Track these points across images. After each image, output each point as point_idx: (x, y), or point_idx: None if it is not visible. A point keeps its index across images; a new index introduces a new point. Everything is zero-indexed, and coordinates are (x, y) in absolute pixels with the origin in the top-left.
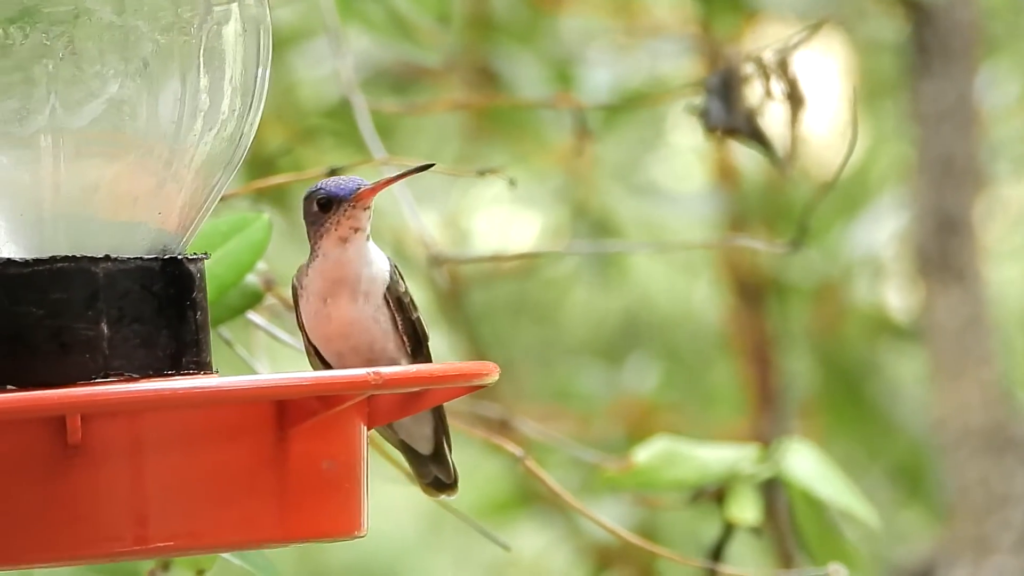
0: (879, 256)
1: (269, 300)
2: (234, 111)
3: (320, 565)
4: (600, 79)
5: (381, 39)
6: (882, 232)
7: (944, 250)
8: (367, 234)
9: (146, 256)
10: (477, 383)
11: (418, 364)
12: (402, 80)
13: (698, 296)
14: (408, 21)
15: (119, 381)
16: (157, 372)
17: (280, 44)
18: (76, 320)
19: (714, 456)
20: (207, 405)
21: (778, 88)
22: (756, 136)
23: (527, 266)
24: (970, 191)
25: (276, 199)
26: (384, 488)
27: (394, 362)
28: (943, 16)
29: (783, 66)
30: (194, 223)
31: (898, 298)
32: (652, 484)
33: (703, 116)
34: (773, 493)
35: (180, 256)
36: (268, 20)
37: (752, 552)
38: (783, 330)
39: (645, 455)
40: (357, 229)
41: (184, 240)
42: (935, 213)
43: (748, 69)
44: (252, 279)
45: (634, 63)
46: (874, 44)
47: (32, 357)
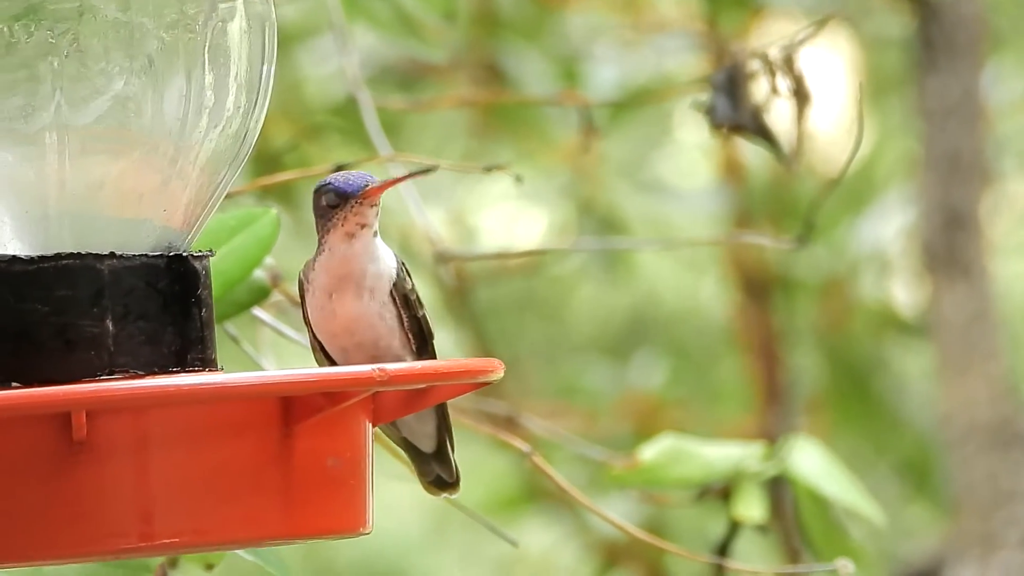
0: (885, 252)
1: (275, 297)
2: (239, 108)
3: (327, 562)
4: (606, 76)
5: (387, 36)
6: (888, 228)
7: (950, 246)
8: (374, 231)
9: (151, 253)
10: (482, 380)
11: (423, 361)
12: (408, 77)
13: (704, 292)
14: (414, 18)
15: (124, 378)
16: (162, 369)
17: (286, 41)
18: (81, 317)
19: (720, 454)
20: (212, 401)
21: (784, 84)
22: (762, 133)
23: (533, 263)
24: (976, 187)
25: (282, 196)
26: (391, 485)
27: (399, 359)
28: (949, 12)
29: (789, 62)
30: (199, 220)
31: (904, 294)
32: (658, 482)
33: (709, 113)
34: (779, 490)
35: (185, 253)
36: (273, 17)
37: (758, 549)
38: (790, 326)
39: (651, 453)
40: (364, 225)
41: (189, 237)
42: (941, 209)
43: (754, 66)
44: (259, 274)
45: (640, 60)
46: (880, 40)
47: (37, 354)
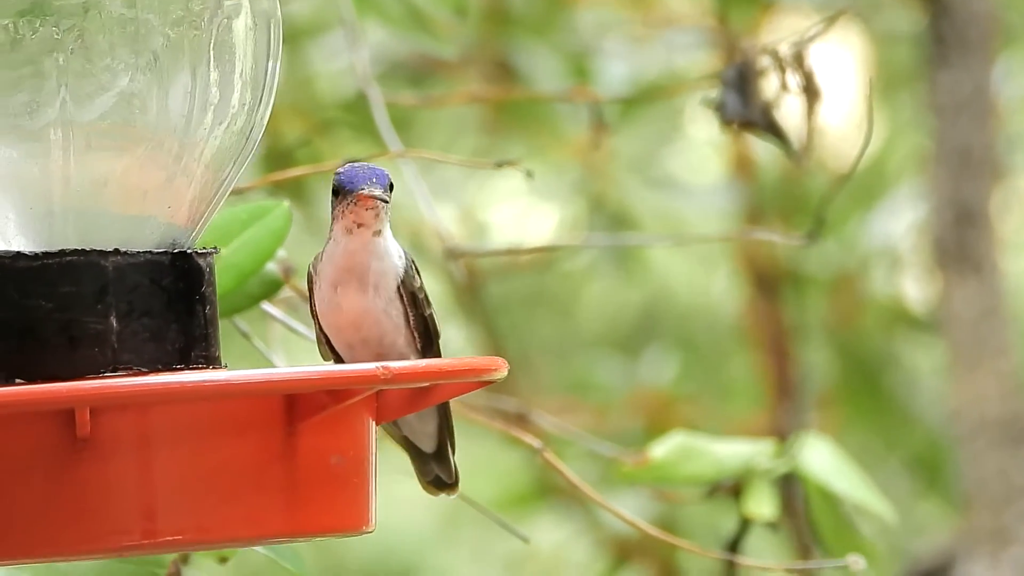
0: (896, 248)
1: (286, 292)
2: (244, 105)
3: (337, 559)
4: (617, 72)
5: (397, 32)
6: (899, 224)
7: (961, 241)
8: (376, 230)
9: (155, 250)
10: (486, 378)
11: (427, 359)
12: (419, 73)
13: (715, 288)
14: (424, 14)
15: (128, 375)
16: (166, 366)
17: (297, 37)
18: (85, 314)
19: (730, 451)
20: (216, 399)
21: (794, 80)
22: (772, 129)
23: (544, 259)
24: (987, 183)
25: (293, 192)
26: (402, 481)
27: (403, 357)
28: (960, 7)
29: (799, 58)
30: (204, 217)
31: (915, 289)
32: (669, 479)
33: (719, 109)
34: (790, 487)
35: (189, 250)
36: (278, 14)
37: (769, 545)
38: (800, 322)
39: (662, 450)
40: (360, 224)
41: (193, 234)
42: (952, 204)
43: (764, 62)
44: (271, 267)
45: (650, 56)
46: (891, 35)
47: (41, 350)
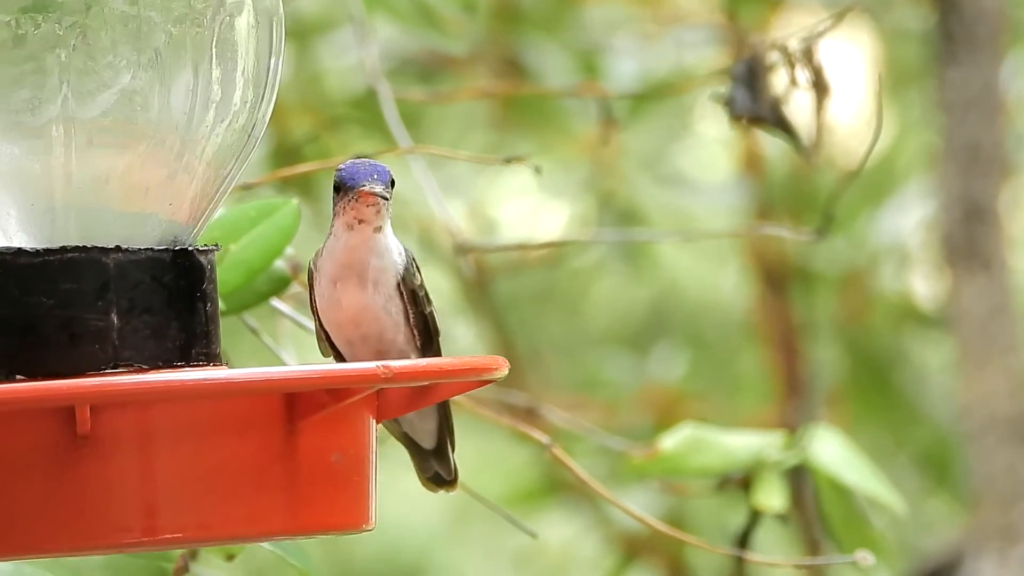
0: (905, 244)
1: (295, 288)
2: (246, 103)
3: (346, 555)
4: (626, 68)
5: (406, 28)
6: (908, 220)
7: (970, 238)
8: (376, 226)
9: (157, 247)
10: (486, 378)
11: (427, 358)
12: (428, 69)
13: (724, 285)
14: (433, 10)
15: (129, 372)
16: (167, 363)
17: (306, 33)
18: (86, 311)
19: (740, 443)
20: (217, 397)
21: (803, 76)
22: (781, 125)
23: (553, 255)
24: (996, 179)
25: (302, 188)
26: (410, 477)
27: (403, 355)
28: (969, 4)
29: (808, 54)
30: (205, 214)
31: (924, 286)
32: (678, 471)
33: (728, 105)
34: (800, 480)
35: (191, 248)
36: (280, 12)
37: (779, 539)
38: (809, 318)
39: (671, 442)
40: (361, 221)
41: (195, 231)
42: (961, 201)
43: (773, 57)
44: (280, 264)
45: (660, 52)
46: (900, 32)
47: (42, 347)
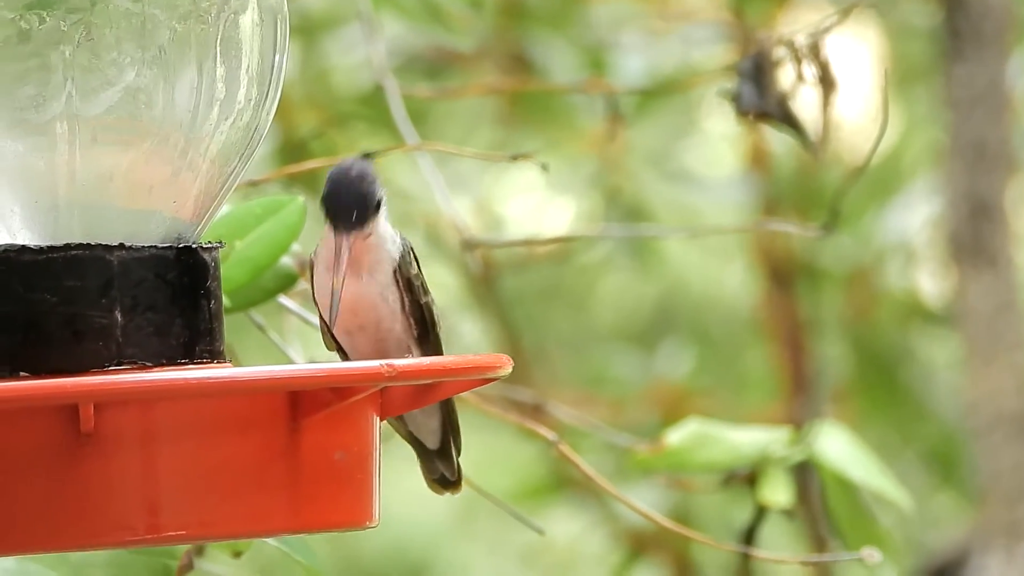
0: (911, 241)
1: (301, 285)
2: (250, 100)
3: (353, 551)
4: (633, 65)
5: (413, 24)
6: (914, 217)
7: (976, 235)
8: (365, 235)
9: (160, 244)
10: (491, 376)
11: (431, 356)
12: (435, 65)
13: (731, 281)
14: (440, 6)
15: (132, 369)
16: (170, 361)
17: (313, 30)
18: (90, 308)
19: (746, 438)
20: (220, 395)
21: (810, 72)
22: (788, 120)
23: (560, 252)
24: (1002, 176)
25: (309, 184)
26: (417, 474)
27: (401, 344)
28: (975, 1)
29: (815, 50)
30: (209, 212)
31: (930, 283)
32: (683, 466)
33: (735, 100)
34: (806, 477)
35: (195, 245)
36: (285, 10)
37: (785, 536)
38: (816, 315)
39: (676, 438)
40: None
41: (199, 229)
42: (967, 198)
43: (780, 53)
44: (286, 261)
45: (667, 48)
46: (906, 28)
47: (45, 344)
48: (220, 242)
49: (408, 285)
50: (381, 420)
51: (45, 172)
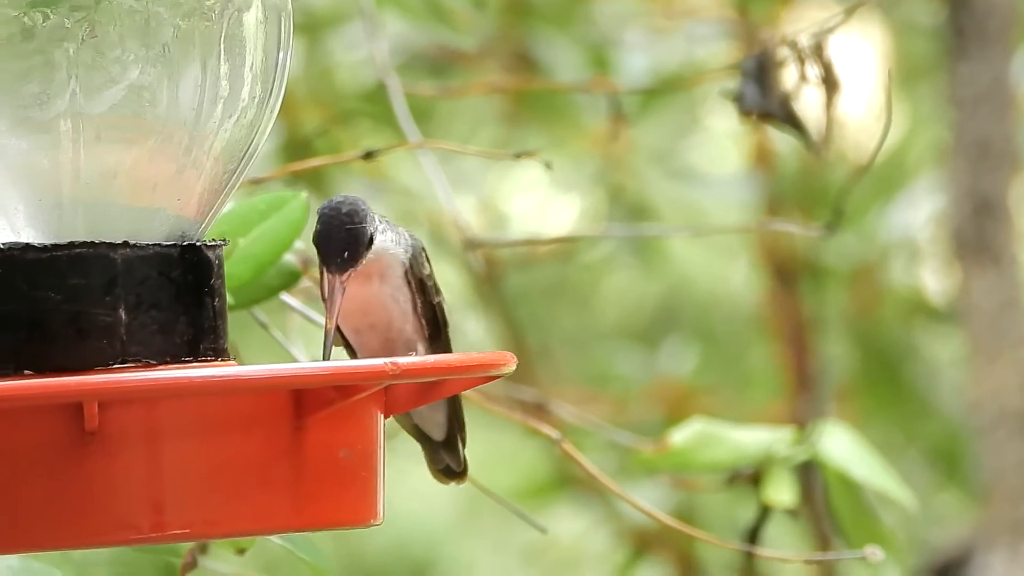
0: (915, 239)
1: (304, 283)
2: (254, 98)
3: (356, 548)
4: (636, 63)
5: (416, 23)
6: (918, 215)
7: (980, 233)
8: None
9: (165, 242)
10: (495, 374)
11: (435, 354)
12: (438, 64)
13: (734, 279)
14: (443, 5)
15: (136, 367)
16: (175, 359)
17: (317, 27)
18: (94, 306)
19: (749, 438)
20: (225, 394)
21: (813, 72)
22: (791, 120)
23: (564, 250)
24: (1006, 174)
25: (312, 181)
26: (421, 472)
27: (410, 344)
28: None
29: (818, 49)
30: (213, 210)
31: (934, 281)
32: (687, 466)
33: (738, 100)
34: (809, 475)
35: (199, 243)
36: (289, 7)
37: (789, 535)
38: (820, 313)
39: (680, 437)
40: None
41: (203, 227)
42: (971, 196)
43: (783, 53)
44: (289, 258)
45: (670, 47)
46: (910, 26)
47: (50, 342)
48: (224, 240)
49: (420, 286)
50: (385, 418)
51: (49, 170)
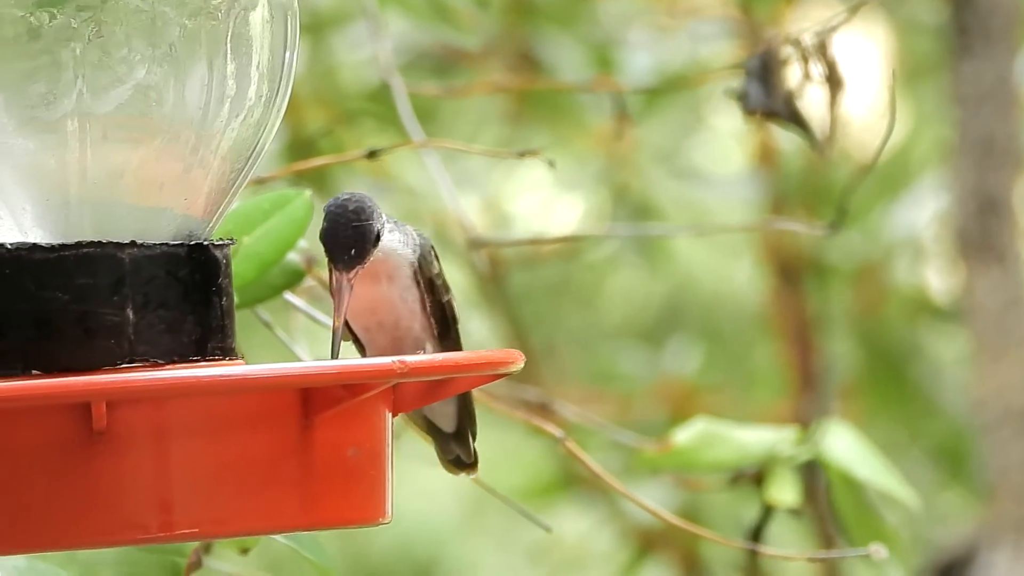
0: (919, 237)
1: (308, 282)
2: (261, 97)
3: (362, 547)
4: (640, 62)
5: (420, 22)
6: (922, 213)
7: (984, 231)
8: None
9: (172, 242)
10: (503, 371)
11: (443, 352)
12: (442, 63)
13: (739, 278)
14: (446, 4)
15: (144, 367)
16: (182, 358)
17: (320, 27)
18: (102, 305)
19: (753, 437)
20: (233, 393)
21: (817, 71)
22: (795, 119)
23: (568, 249)
24: (1010, 172)
25: (316, 181)
26: (425, 471)
27: (419, 342)
28: None
29: (822, 48)
30: (220, 209)
31: (938, 279)
32: (691, 465)
33: (742, 99)
34: (813, 474)
35: (206, 242)
36: (295, 6)
37: (792, 533)
38: (824, 312)
39: (684, 436)
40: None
41: (210, 226)
42: (975, 194)
43: (787, 51)
44: (293, 257)
45: (675, 46)
46: (914, 25)
47: (57, 342)
48: (231, 239)
49: (429, 285)
50: (394, 416)
51: (56, 170)
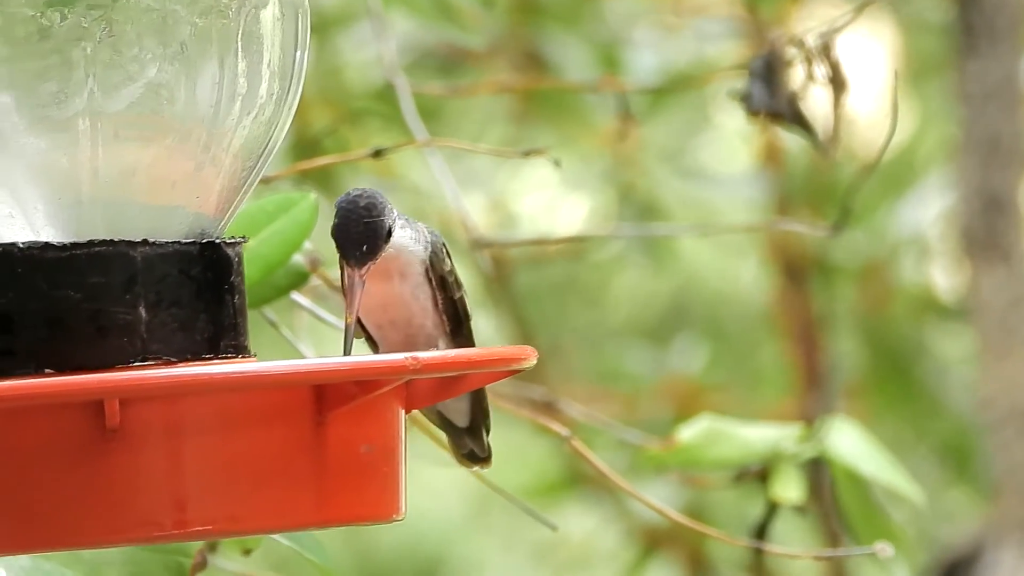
0: (925, 236)
1: (314, 282)
2: (272, 95)
3: (368, 546)
4: (646, 62)
5: (425, 22)
6: (928, 212)
7: (990, 230)
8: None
9: (184, 240)
10: (516, 367)
11: (456, 348)
12: (447, 63)
13: (744, 277)
14: (451, 4)
15: (157, 365)
16: (195, 356)
17: (325, 27)
18: (114, 304)
19: (758, 435)
20: (246, 390)
21: (821, 72)
22: (799, 120)
23: (574, 248)
24: (1015, 171)
25: (321, 181)
26: (432, 470)
27: (431, 339)
28: None
29: (826, 49)
30: (232, 207)
31: (944, 278)
32: (695, 463)
33: (746, 100)
34: (818, 472)
35: (218, 240)
36: (306, 4)
37: (798, 531)
38: (829, 311)
39: (689, 433)
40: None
41: (222, 224)
42: (981, 193)
43: (792, 52)
44: (298, 259)
45: (680, 45)
46: (920, 24)
47: (70, 341)
48: (243, 237)
49: (441, 282)
50: (407, 413)
51: (68, 169)
